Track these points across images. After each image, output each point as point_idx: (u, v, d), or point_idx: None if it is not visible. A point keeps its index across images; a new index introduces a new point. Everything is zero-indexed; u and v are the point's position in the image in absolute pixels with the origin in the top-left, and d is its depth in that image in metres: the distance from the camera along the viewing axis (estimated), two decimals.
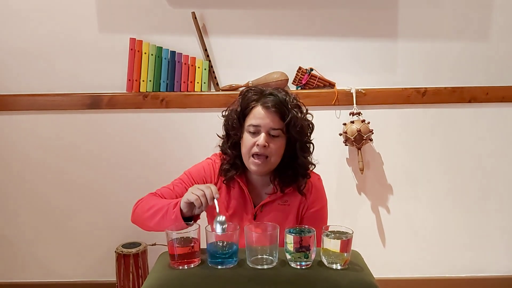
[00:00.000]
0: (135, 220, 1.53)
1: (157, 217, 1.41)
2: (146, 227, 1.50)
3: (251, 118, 1.47)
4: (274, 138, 1.46)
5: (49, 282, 2.46)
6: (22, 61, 2.27)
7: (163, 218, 1.39)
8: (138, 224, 1.53)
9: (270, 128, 1.45)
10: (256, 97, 1.49)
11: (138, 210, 1.52)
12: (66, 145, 2.35)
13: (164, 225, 1.36)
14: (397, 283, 2.44)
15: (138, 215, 1.51)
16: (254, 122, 1.46)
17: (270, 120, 1.45)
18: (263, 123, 1.45)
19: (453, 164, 2.39)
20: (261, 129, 1.46)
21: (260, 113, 1.46)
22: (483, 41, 2.28)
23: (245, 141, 1.49)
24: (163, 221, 1.39)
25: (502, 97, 2.31)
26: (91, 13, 2.23)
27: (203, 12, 2.24)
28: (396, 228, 2.43)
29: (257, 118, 1.46)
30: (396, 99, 2.30)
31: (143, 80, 2.25)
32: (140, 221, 1.50)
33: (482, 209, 2.43)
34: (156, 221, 1.41)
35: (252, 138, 1.46)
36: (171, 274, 1.21)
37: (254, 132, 1.46)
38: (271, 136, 1.46)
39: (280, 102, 1.47)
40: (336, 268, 1.22)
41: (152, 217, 1.43)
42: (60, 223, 2.42)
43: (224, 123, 1.57)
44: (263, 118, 1.45)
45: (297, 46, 2.27)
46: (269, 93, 1.49)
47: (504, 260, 2.48)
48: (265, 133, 1.45)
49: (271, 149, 1.46)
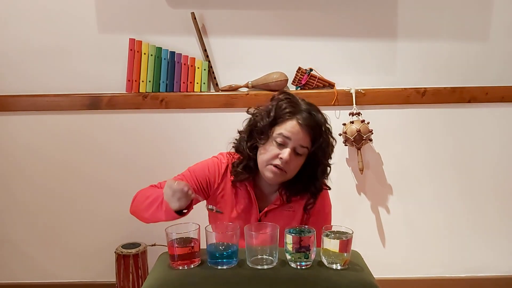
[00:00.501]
0: (133, 211, 1.52)
1: (152, 208, 1.41)
2: (143, 219, 1.49)
3: (283, 129, 1.43)
4: (297, 156, 1.44)
5: (48, 283, 2.45)
6: (22, 61, 2.27)
7: (157, 209, 1.39)
8: (136, 214, 1.52)
9: (299, 145, 1.43)
10: (292, 109, 1.44)
11: (137, 200, 1.51)
12: (65, 146, 2.35)
13: (158, 216, 1.38)
14: (397, 283, 2.44)
15: (136, 205, 1.51)
16: (285, 134, 1.42)
17: (301, 138, 1.42)
18: (294, 138, 1.42)
19: (453, 164, 2.39)
20: (290, 143, 1.42)
21: (294, 128, 1.42)
22: (482, 41, 2.28)
23: (268, 149, 1.45)
24: (156, 212, 1.39)
25: (502, 97, 2.31)
26: (91, 13, 2.23)
27: (203, 12, 2.24)
28: (396, 228, 2.43)
29: (289, 131, 1.42)
30: (395, 99, 2.30)
31: (142, 80, 2.25)
32: (137, 211, 1.50)
33: (481, 209, 2.43)
34: (151, 212, 1.41)
35: (277, 148, 1.43)
36: (171, 275, 1.21)
37: (280, 143, 1.43)
38: (295, 152, 1.43)
39: (316, 123, 1.44)
40: (336, 268, 1.22)
41: (148, 207, 1.43)
42: (60, 223, 2.42)
43: (251, 123, 1.52)
44: (295, 133, 1.42)
45: (297, 47, 2.27)
46: (306, 110, 1.45)
47: (504, 260, 2.48)
48: (291, 149, 1.42)
49: (291, 166, 1.44)
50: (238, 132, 1.57)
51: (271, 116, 1.45)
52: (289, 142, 1.42)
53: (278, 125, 1.44)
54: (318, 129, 1.45)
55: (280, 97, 1.49)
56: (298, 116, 1.43)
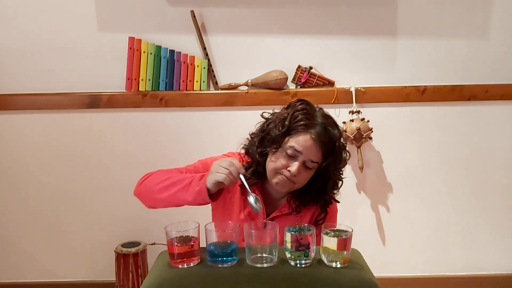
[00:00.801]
0: (141, 191, 1.48)
1: (174, 188, 1.38)
2: (152, 200, 1.45)
3: (295, 142, 1.39)
4: (306, 169, 1.42)
5: (48, 282, 2.45)
6: (21, 60, 2.27)
7: (183, 189, 1.36)
8: (142, 195, 1.47)
9: (309, 159, 1.40)
10: (307, 122, 1.40)
11: (148, 181, 1.46)
12: (65, 145, 2.35)
13: (181, 197, 1.36)
14: (397, 281, 2.44)
15: (146, 186, 1.45)
16: (296, 148, 1.38)
17: (312, 153, 1.39)
18: (305, 153, 1.39)
19: (453, 162, 2.39)
20: (300, 157, 1.39)
21: (307, 142, 1.38)
22: (482, 39, 2.28)
23: (278, 158, 1.42)
24: (181, 192, 1.36)
25: (502, 95, 2.31)
26: (90, 12, 2.23)
27: (202, 10, 2.23)
28: (396, 227, 2.43)
29: (301, 145, 1.38)
30: (395, 97, 2.30)
31: (142, 79, 2.25)
32: (148, 192, 1.45)
33: (481, 208, 2.43)
34: (171, 192, 1.38)
35: (287, 159, 1.40)
36: (170, 273, 1.21)
37: (291, 155, 1.40)
38: (305, 166, 1.41)
39: (330, 140, 1.40)
40: (336, 266, 1.22)
41: (167, 188, 1.39)
42: (59, 222, 2.42)
43: (264, 129, 1.48)
44: (307, 148, 1.38)
45: (296, 45, 2.27)
46: (322, 124, 1.41)
47: (504, 258, 2.48)
48: (301, 162, 1.39)
49: (299, 178, 1.42)
50: (250, 135, 1.54)
51: (285, 125, 1.41)
52: (299, 155, 1.39)
53: (291, 136, 1.41)
54: (331, 146, 1.41)
55: (297, 107, 1.45)
56: (312, 130, 1.39)
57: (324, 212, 1.52)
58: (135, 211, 2.39)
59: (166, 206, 1.44)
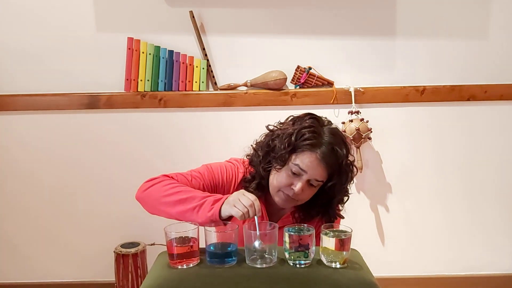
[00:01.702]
0: (144, 198, 1.41)
1: (183, 206, 1.31)
2: (156, 210, 1.39)
3: (300, 161, 1.36)
4: (311, 187, 1.40)
5: (47, 283, 2.45)
6: (20, 61, 2.27)
7: (193, 210, 1.30)
8: (145, 202, 1.41)
9: (314, 178, 1.37)
10: (313, 141, 1.36)
11: (155, 190, 1.39)
12: (64, 145, 2.34)
13: (190, 217, 1.29)
14: (396, 281, 2.44)
15: (152, 195, 1.38)
16: (301, 167, 1.36)
17: (318, 173, 1.37)
18: (310, 172, 1.36)
19: (452, 163, 2.39)
20: (305, 175, 1.37)
21: (312, 162, 1.36)
22: (482, 39, 2.28)
23: (282, 175, 1.40)
24: (191, 212, 1.30)
25: (501, 95, 2.31)
26: (89, 12, 2.23)
27: (201, 11, 2.23)
28: (395, 227, 2.43)
29: (306, 165, 1.36)
30: (394, 97, 2.30)
31: (141, 79, 2.25)
32: (153, 201, 1.38)
33: (480, 207, 2.43)
34: (179, 210, 1.32)
35: (291, 177, 1.38)
36: (170, 274, 1.21)
37: (295, 173, 1.38)
38: (309, 184, 1.39)
39: (336, 160, 1.37)
40: (335, 266, 1.22)
41: (176, 203, 1.32)
42: (59, 222, 2.41)
43: (269, 144, 1.44)
44: (312, 168, 1.36)
45: (296, 45, 2.27)
46: (329, 143, 1.37)
47: (503, 258, 2.48)
48: (305, 181, 1.37)
49: (303, 196, 1.41)
50: (255, 145, 1.51)
51: (291, 143, 1.37)
52: (304, 174, 1.37)
53: (296, 154, 1.37)
54: (337, 166, 1.38)
55: (304, 123, 1.41)
56: (318, 150, 1.36)
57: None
58: (134, 212, 2.39)
59: (170, 219, 1.38)
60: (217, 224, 1.29)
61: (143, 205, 1.43)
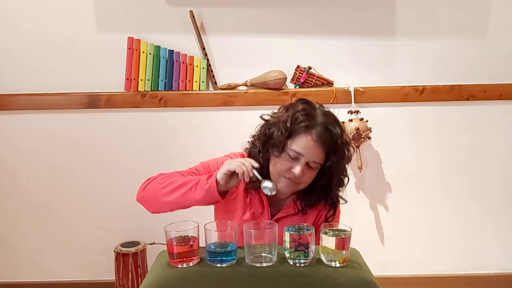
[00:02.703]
0: (145, 196, 1.45)
1: (181, 190, 1.37)
2: (157, 204, 1.43)
3: (297, 144, 1.39)
4: (311, 169, 1.42)
5: (48, 282, 2.46)
6: (20, 60, 2.27)
7: (190, 190, 1.35)
8: (147, 200, 1.45)
9: (312, 160, 1.40)
10: (308, 123, 1.39)
11: (152, 185, 1.44)
12: (64, 145, 2.35)
13: (189, 198, 1.35)
14: (396, 280, 2.45)
15: (151, 190, 1.43)
16: (298, 150, 1.38)
17: (315, 154, 1.39)
18: (307, 155, 1.39)
19: (451, 162, 2.39)
20: (303, 158, 1.39)
21: (308, 144, 1.38)
22: (481, 39, 2.28)
23: (281, 160, 1.42)
24: (189, 193, 1.35)
25: (500, 94, 2.31)
26: (89, 12, 2.23)
27: (201, 11, 2.23)
28: (395, 226, 2.44)
29: (303, 148, 1.38)
30: (394, 97, 2.30)
31: (141, 79, 2.25)
32: (153, 196, 1.43)
33: (479, 207, 2.44)
34: (178, 195, 1.37)
35: (290, 161, 1.40)
36: (170, 273, 1.21)
37: (293, 158, 1.40)
38: (308, 166, 1.41)
39: (331, 139, 1.40)
40: (335, 266, 1.22)
41: (174, 190, 1.38)
42: (59, 222, 2.42)
43: (266, 132, 1.47)
44: (309, 150, 1.38)
45: (295, 45, 2.28)
46: (322, 124, 1.40)
47: (502, 258, 2.49)
48: (303, 163, 1.39)
49: (304, 178, 1.42)
50: (252, 138, 1.53)
51: (287, 129, 1.40)
52: (302, 157, 1.39)
53: (293, 139, 1.40)
54: (333, 145, 1.41)
55: (297, 108, 1.44)
56: (313, 131, 1.39)
57: (333, 209, 1.52)
58: (134, 211, 2.39)
59: (173, 209, 1.42)
60: (216, 199, 1.34)
61: (145, 205, 1.46)
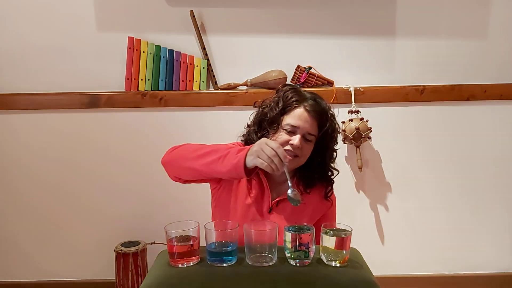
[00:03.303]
0: (171, 159, 1.50)
1: (209, 157, 1.38)
2: (182, 169, 1.47)
3: (291, 118, 1.48)
4: (307, 142, 1.49)
5: (48, 282, 2.46)
6: (20, 60, 2.27)
7: (219, 160, 1.35)
8: (171, 163, 1.49)
9: (307, 132, 1.47)
10: (298, 98, 1.51)
11: (181, 149, 1.50)
12: (64, 144, 2.35)
13: (215, 168, 1.35)
14: (396, 280, 2.45)
15: (178, 154, 1.48)
16: (293, 123, 1.47)
17: (309, 125, 1.47)
18: (302, 126, 1.47)
19: (452, 162, 2.39)
20: (298, 131, 1.47)
21: (302, 115, 1.48)
22: (481, 39, 2.28)
23: (278, 137, 1.48)
24: (216, 163, 1.36)
25: (500, 94, 2.31)
26: (90, 11, 2.23)
27: (201, 10, 2.23)
28: (395, 226, 2.44)
29: (298, 120, 1.47)
30: (394, 97, 2.30)
31: (141, 79, 2.25)
32: (179, 159, 1.47)
33: (480, 206, 2.43)
34: (205, 162, 1.38)
35: (287, 135, 1.47)
36: (170, 272, 1.21)
37: (289, 131, 1.47)
38: (305, 139, 1.48)
39: (322, 110, 1.50)
40: (335, 265, 1.22)
41: (202, 156, 1.40)
42: (59, 222, 2.42)
43: (260, 114, 1.56)
44: (304, 121, 1.47)
45: (296, 45, 2.27)
46: (311, 97, 1.52)
47: (502, 257, 2.49)
48: (300, 135, 1.46)
49: (303, 151, 1.48)
50: (247, 126, 1.61)
51: (280, 106, 1.50)
52: (297, 130, 1.47)
53: (287, 114, 1.50)
54: (324, 115, 1.51)
55: (285, 88, 1.56)
56: (305, 103, 1.49)
57: (331, 185, 1.60)
58: (134, 211, 2.40)
59: (194, 177, 1.46)
60: (241, 175, 1.33)
61: (167, 168, 1.52)
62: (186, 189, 1.70)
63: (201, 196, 1.76)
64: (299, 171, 1.56)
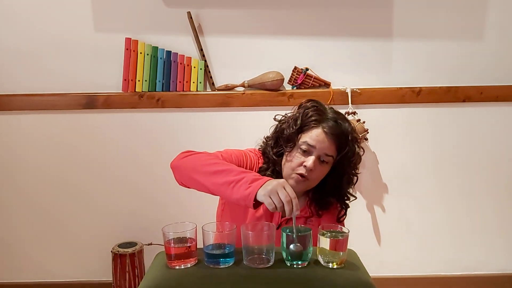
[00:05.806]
0: (181, 166, 1.41)
1: (221, 178, 1.30)
2: (190, 179, 1.38)
3: (308, 137, 1.42)
4: (322, 163, 1.43)
5: (45, 282, 2.45)
6: (17, 60, 2.27)
7: (231, 184, 1.28)
8: (181, 170, 1.41)
9: (324, 153, 1.42)
10: (318, 117, 1.44)
11: (192, 158, 1.40)
12: (61, 145, 2.34)
13: (226, 192, 1.28)
14: (393, 281, 2.45)
15: (189, 163, 1.40)
16: (310, 142, 1.41)
17: (326, 146, 1.42)
18: (319, 147, 1.41)
19: (448, 163, 2.40)
20: (314, 151, 1.41)
21: (319, 136, 1.42)
22: (477, 40, 2.29)
23: (293, 156, 1.44)
24: (226, 186, 1.28)
25: (496, 96, 2.32)
26: (87, 12, 2.23)
27: (199, 12, 2.24)
28: (392, 227, 2.45)
29: (314, 140, 1.41)
30: (391, 98, 2.31)
31: (138, 80, 2.25)
32: (190, 169, 1.38)
33: (477, 207, 2.44)
34: (216, 181, 1.31)
35: (301, 156, 1.43)
36: (167, 274, 1.21)
37: (305, 151, 1.42)
38: (320, 160, 1.43)
39: (342, 132, 1.43)
40: (333, 267, 1.23)
41: (214, 174, 1.32)
42: (56, 223, 2.41)
43: (278, 130, 1.52)
44: (320, 142, 1.41)
45: (293, 46, 2.28)
46: (333, 118, 1.45)
47: (499, 258, 2.50)
48: (315, 157, 1.41)
49: (314, 174, 1.43)
50: (265, 139, 1.57)
51: (298, 124, 1.45)
52: (314, 150, 1.41)
53: (304, 133, 1.44)
54: (344, 138, 1.44)
55: (307, 105, 1.49)
56: (324, 124, 1.43)
57: (345, 209, 1.55)
58: (132, 211, 2.40)
59: (200, 191, 1.38)
60: (249, 206, 1.26)
61: (176, 173, 1.44)
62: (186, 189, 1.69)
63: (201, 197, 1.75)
64: (313, 192, 1.52)
